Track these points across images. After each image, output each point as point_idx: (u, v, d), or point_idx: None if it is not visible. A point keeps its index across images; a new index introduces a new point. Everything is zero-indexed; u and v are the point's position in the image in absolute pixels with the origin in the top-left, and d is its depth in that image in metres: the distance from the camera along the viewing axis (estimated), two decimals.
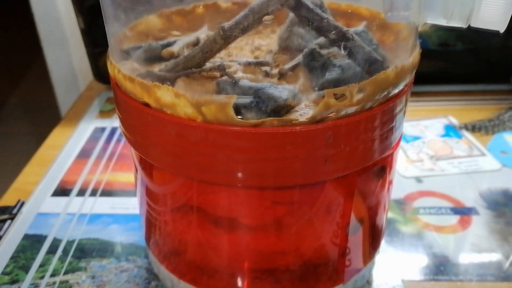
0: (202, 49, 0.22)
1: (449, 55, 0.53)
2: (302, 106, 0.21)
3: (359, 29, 0.24)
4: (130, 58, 0.25)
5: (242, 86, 0.20)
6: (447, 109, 0.48)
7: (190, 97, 0.19)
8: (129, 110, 0.22)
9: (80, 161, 0.41)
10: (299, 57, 0.23)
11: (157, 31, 0.29)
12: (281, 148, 0.20)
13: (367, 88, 0.20)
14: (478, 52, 0.52)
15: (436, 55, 0.52)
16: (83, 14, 0.49)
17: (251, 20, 0.21)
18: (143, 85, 0.21)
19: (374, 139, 0.22)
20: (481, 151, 0.42)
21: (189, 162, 0.21)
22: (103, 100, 0.52)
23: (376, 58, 0.21)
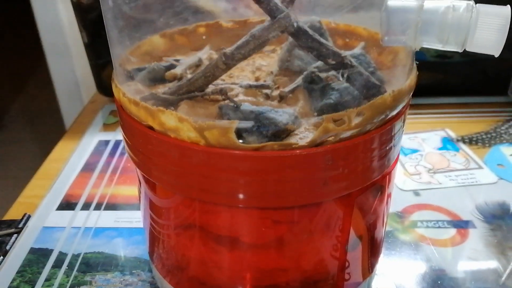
0: (205, 73, 0.23)
1: (447, 67, 0.54)
2: (302, 130, 0.21)
3: (357, 52, 0.25)
4: (134, 79, 0.26)
5: (244, 110, 0.21)
6: (444, 122, 0.49)
7: (193, 122, 0.20)
8: (133, 132, 0.23)
9: (84, 175, 0.42)
10: (299, 79, 0.24)
11: (160, 51, 0.30)
12: (282, 171, 0.20)
13: (365, 113, 0.21)
14: (475, 64, 0.53)
15: (434, 67, 0.53)
16: (86, 29, 0.50)
17: (252, 46, 0.22)
18: (147, 109, 0.21)
19: (373, 160, 0.23)
20: (478, 164, 0.42)
21: (192, 183, 0.22)
22: (107, 113, 0.53)
23: (374, 83, 0.22)
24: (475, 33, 0.21)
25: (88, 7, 0.48)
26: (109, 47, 0.25)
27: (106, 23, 0.24)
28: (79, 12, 0.49)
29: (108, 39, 0.25)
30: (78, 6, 0.49)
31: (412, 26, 0.22)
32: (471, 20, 0.21)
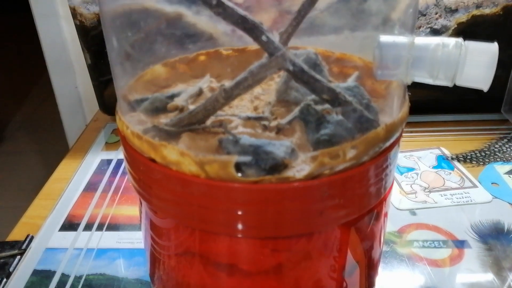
0: (205, 106, 0.24)
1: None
2: (298, 162, 0.22)
3: (351, 85, 0.26)
4: (137, 109, 0.27)
5: (243, 144, 0.22)
6: (439, 140, 0.50)
7: (194, 156, 0.21)
8: (136, 164, 0.24)
9: (87, 195, 0.43)
10: (296, 111, 0.25)
11: (162, 79, 0.31)
12: (280, 203, 0.21)
13: (359, 147, 0.21)
14: None
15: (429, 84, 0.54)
16: (90, 50, 0.51)
17: (250, 82, 0.23)
18: (150, 143, 0.22)
19: (369, 190, 0.23)
20: (473, 183, 0.43)
21: (192, 214, 0.23)
22: (109, 132, 0.53)
23: (367, 117, 0.23)
24: (464, 69, 0.22)
25: (91, 29, 0.49)
26: (113, 80, 0.26)
27: (111, 59, 0.25)
28: (83, 34, 0.50)
29: (112, 73, 0.26)
30: (81, 28, 0.50)
31: (403, 61, 0.23)
32: (460, 57, 0.22)
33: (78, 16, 0.49)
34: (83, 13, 0.49)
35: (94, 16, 0.49)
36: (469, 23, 0.49)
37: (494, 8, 0.49)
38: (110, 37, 0.25)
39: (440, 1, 0.51)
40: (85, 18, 0.49)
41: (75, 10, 0.49)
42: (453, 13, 0.50)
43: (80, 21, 0.49)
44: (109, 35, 0.25)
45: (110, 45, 0.25)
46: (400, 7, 0.26)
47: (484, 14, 0.49)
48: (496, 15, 0.49)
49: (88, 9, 0.49)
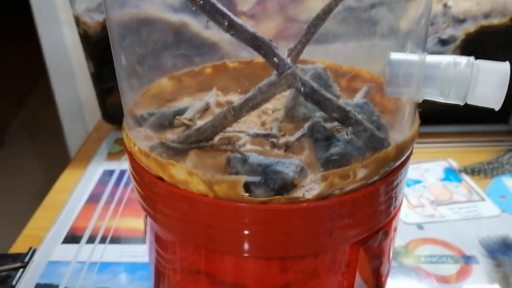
0: (213, 123, 0.23)
1: None
2: (308, 181, 0.22)
3: (361, 102, 0.25)
4: (144, 125, 0.27)
5: (251, 163, 0.21)
6: (446, 152, 0.49)
7: (202, 176, 0.21)
8: (143, 182, 0.24)
9: (89, 206, 0.43)
10: (304, 128, 0.25)
11: (168, 93, 0.31)
12: (288, 223, 0.21)
13: (370, 167, 0.21)
14: None
15: None
16: (93, 59, 0.51)
17: (259, 99, 0.22)
18: (158, 162, 0.22)
19: (378, 209, 0.23)
20: (481, 196, 0.43)
21: (198, 233, 0.22)
22: (112, 141, 0.53)
23: (378, 136, 0.22)
24: (476, 89, 0.22)
25: (95, 38, 0.49)
26: (121, 96, 0.26)
27: (119, 76, 0.25)
28: (86, 42, 0.50)
29: (120, 89, 0.26)
30: (85, 37, 0.50)
31: (414, 79, 0.23)
32: (472, 76, 0.21)
33: (81, 24, 0.49)
34: (87, 21, 0.49)
35: (98, 24, 0.49)
36: (478, 33, 0.49)
37: (503, 19, 0.49)
38: (118, 54, 0.25)
39: (448, 10, 0.51)
40: (88, 26, 0.49)
41: (78, 18, 0.49)
42: (461, 23, 0.50)
43: (84, 29, 0.49)
44: (117, 52, 0.25)
45: (118, 62, 0.25)
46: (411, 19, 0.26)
47: (492, 25, 0.49)
48: (504, 26, 0.48)
49: (91, 18, 0.49)
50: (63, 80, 0.79)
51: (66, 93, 0.80)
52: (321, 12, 0.23)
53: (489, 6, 0.49)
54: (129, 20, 0.27)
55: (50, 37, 0.76)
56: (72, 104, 0.81)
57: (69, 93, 0.80)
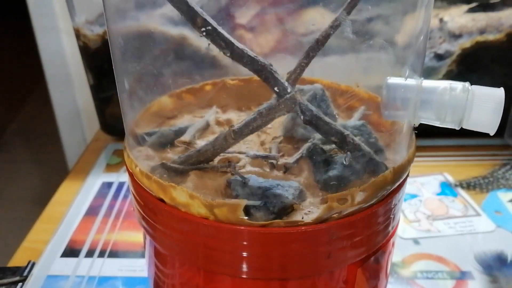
0: (214, 145, 0.24)
1: None
2: (307, 204, 0.22)
3: (358, 123, 0.26)
4: (144, 144, 0.27)
5: (251, 186, 0.22)
6: (442, 166, 0.50)
7: (203, 199, 0.21)
8: (144, 202, 0.24)
9: (88, 219, 0.43)
10: (303, 150, 0.25)
11: (168, 110, 0.31)
12: (287, 246, 0.21)
13: (367, 191, 0.21)
14: None
15: None
16: (92, 71, 0.51)
17: (259, 123, 0.23)
18: (159, 184, 0.22)
19: (375, 231, 0.23)
20: (476, 211, 0.43)
21: (198, 254, 0.23)
22: (110, 153, 0.53)
23: (375, 160, 0.23)
24: (471, 114, 0.22)
25: (94, 51, 0.49)
26: (122, 116, 0.26)
27: (120, 95, 0.25)
28: (86, 55, 0.50)
29: (122, 109, 0.26)
30: (84, 49, 0.50)
31: (411, 104, 0.23)
32: (467, 101, 0.22)
33: (81, 37, 0.49)
34: (87, 34, 0.49)
35: (98, 37, 0.49)
36: (473, 48, 0.50)
37: (498, 34, 0.49)
38: (120, 73, 0.25)
39: (444, 25, 0.51)
40: (88, 39, 0.49)
41: (79, 31, 0.49)
42: (457, 38, 0.50)
43: (84, 42, 0.49)
44: (119, 70, 0.25)
45: (120, 81, 0.25)
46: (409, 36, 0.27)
47: (488, 40, 0.49)
48: (500, 41, 0.49)
49: (91, 30, 0.49)
50: (61, 88, 0.79)
51: (64, 101, 0.81)
52: (320, 37, 0.24)
53: (484, 22, 0.50)
54: (130, 35, 0.28)
55: (48, 46, 0.76)
56: (70, 111, 0.81)
57: (67, 101, 0.80)
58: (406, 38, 0.28)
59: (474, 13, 0.50)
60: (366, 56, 0.29)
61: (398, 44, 0.30)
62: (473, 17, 0.50)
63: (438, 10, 0.51)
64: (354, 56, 0.29)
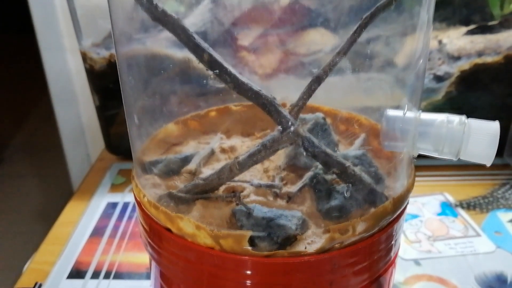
0: (219, 175, 0.24)
1: None
2: (309, 234, 0.23)
3: (359, 153, 0.26)
4: (151, 172, 0.28)
5: (256, 217, 0.23)
6: (442, 185, 0.50)
7: (209, 230, 0.22)
8: (151, 230, 0.25)
9: (93, 240, 0.43)
10: (305, 178, 0.26)
11: (173, 137, 0.32)
12: (290, 275, 0.22)
13: (368, 222, 0.22)
14: None
15: None
16: (98, 93, 0.52)
17: (263, 154, 0.23)
18: (167, 214, 0.23)
19: (376, 259, 0.24)
20: (476, 231, 0.44)
21: (203, 282, 0.23)
22: (115, 173, 0.54)
23: (376, 191, 0.23)
24: (468, 146, 0.23)
25: (100, 73, 0.51)
26: (130, 145, 0.27)
27: (130, 130, 0.26)
28: (92, 77, 0.52)
29: (130, 139, 0.27)
30: (91, 72, 0.51)
31: (410, 135, 0.24)
32: (464, 135, 0.23)
33: (88, 60, 0.50)
34: (93, 57, 0.50)
35: (103, 60, 0.50)
36: (472, 70, 0.51)
37: (496, 57, 0.50)
38: (131, 111, 0.26)
39: (443, 47, 0.52)
40: (94, 62, 0.50)
41: (85, 54, 0.50)
42: (455, 60, 0.51)
43: (90, 65, 0.51)
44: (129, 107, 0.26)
45: (130, 119, 0.26)
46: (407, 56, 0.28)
47: (486, 63, 0.50)
48: (498, 64, 0.50)
49: (98, 53, 0.50)
50: (66, 105, 0.80)
51: (68, 118, 0.82)
52: (321, 72, 0.25)
53: (482, 44, 0.51)
54: (137, 59, 0.29)
55: (54, 64, 0.77)
56: (74, 128, 0.82)
57: (71, 118, 0.81)
58: (406, 60, 0.29)
59: (472, 36, 0.51)
60: (366, 77, 0.30)
61: (397, 66, 0.31)
62: (471, 40, 0.51)
63: (437, 31, 0.52)
64: (354, 77, 0.30)
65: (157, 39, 0.32)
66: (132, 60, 0.29)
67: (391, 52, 0.30)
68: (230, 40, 0.38)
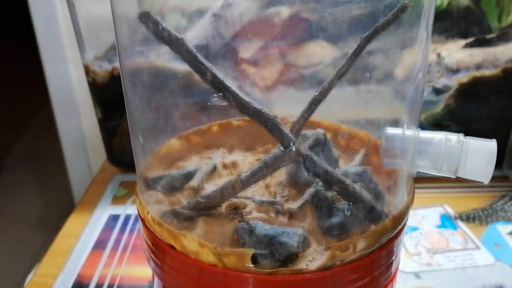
0: (222, 192, 0.25)
1: None
2: (311, 251, 0.23)
3: (359, 170, 0.27)
4: (155, 188, 0.28)
5: (258, 234, 0.23)
6: (442, 197, 0.51)
7: (213, 248, 0.22)
8: (155, 247, 0.25)
9: (95, 253, 0.44)
10: (306, 195, 0.26)
11: (176, 151, 0.33)
12: None
13: (369, 239, 0.23)
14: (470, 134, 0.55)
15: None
16: (100, 106, 0.53)
17: (265, 172, 0.24)
18: (170, 232, 0.23)
19: (377, 274, 0.24)
20: (476, 244, 0.44)
21: None
22: (117, 184, 0.55)
23: (375, 209, 0.24)
24: (466, 164, 0.23)
25: (103, 86, 0.51)
26: (135, 162, 0.28)
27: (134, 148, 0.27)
28: (94, 90, 0.52)
29: (134, 156, 0.27)
30: (93, 85, 0.52)
31: (408, 153, 0.25)
32: (462, 153, 0.23)
33: (91, 73, 0.51)
34: (96, 70, 0.51)
35: (106, 73, 0.51)
36: (470, 83, 0.51)
37: (494, 70, 0.51)
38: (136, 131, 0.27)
39: (441, 60, 0.53)
40: (97, 75, 0.51)
41: (88, 68, 0.51)
42: (454, 73, 0.52)
43: (93, 78, 0.51)
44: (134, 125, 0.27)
45: (135, 138, 0.27)
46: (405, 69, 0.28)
47: (484, 76, 0.51)
48: (496, 77, 0.51)
49: (100, 67, 0.51)
50: (67, 115, 0.81)
51: (69, 128, 0.82)
52: (322, 90, 0.25)
53: (481, 57, 0.52)
54: (141, 73, 0.29)
55: (55, 75, 0.78)
56: (75, 138, 0.83)
57: (73, 128, 0.82)
58: (405, 73, 0.30)
59: (470, 49, 0.52)
60: (365, 89, 0.30)
61: (396, 79, 0.31)
62: (470, 53, 0.52)
63: (436, 44, 0.53)
64: (353, 89, 0.31)
65: (160, 52, 0.32)
66: (136, 75, 0.29)
67: (390, 65, 0.30)
68: (231, 52, 0.39)
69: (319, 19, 0.33)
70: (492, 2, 0.53)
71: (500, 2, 0.54)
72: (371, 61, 0.28)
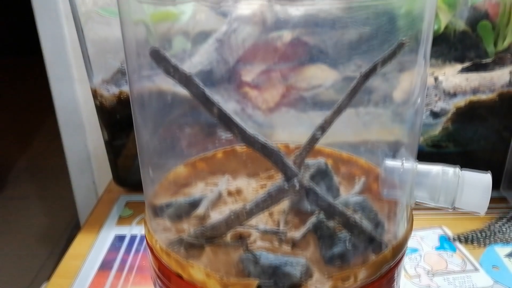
0: (227, 221, 0.26)
1: (441, 156, 0.57)
2: (313, 281, 0.24)
3: (360, 199, 0.28)
4: (162, 216, 0.29)
5: (263, 265, 0.24)
6: (441, 219, 0.52)
7: (219, 278, 0.23)
8: (163, 275, 0.26)
9: (102, 274, 0.44)
10: (309, 224, 0.27)
11: (182, 178, 0.34)
12: None
13: (369, 269, 0.24)
14: (468, 156, 0.56)
15: (429, 157, 0.57)
16: (107, 128, 0.54)
17: (269, 203, 0.25)
18: (178, 261, 0.24)
19: None
20: (474, 266, 0.45)
21: None
22: (122, 205, 0.56)
23: (376, 239, 0.25)
24: (462, 196, 0.24)
25: (110, 110, 0.52)
26: (143, 191, 0.29)
27: (144, 177, 0.28)
28: (102, 113, 0.53)
29: (143, 184, 0.28)
30: (101, 108, 0.53)
31: (407, 185, 0.26)
32: (458, 186, 0.24)
33: (98, 97, 0.52)
34: (104, 94, 0.52)
35: (113, 97, 0.52)
36: (467, 107, 0.52)
37: (491, 94, 0.52)
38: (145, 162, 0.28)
39: (439, 84, 0.54)
40: (105, 99, 0.52)
41: (96, 92, 0.52)
42: (451, 97, 0.53)
43: (100, 101, 0.52)
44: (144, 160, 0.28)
45: (144, 169, 0.28)
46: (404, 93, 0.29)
47: (481, 100, 0.52)
48: (492, 101, 0.52)
49: (108, 90, 0.52)
50: (73, 133, 0.82)
51: (75, 146, 0.84)
52: (323, 122, 0.26)
53: (477, 81, 0.53)
54: (150, 99, 0.30)
55: (62, 93, 0.80)
56: (80, 155, 0.84)
57: (78, 146, 0.83)
58: (403, 98, 0.31)
59: (467, 73, 0.54)
60: (364, 111, 0.32)
61: (395, 103, 0.32)
62: (466, 77, 0.53)
63: (433, 68, 0.55)
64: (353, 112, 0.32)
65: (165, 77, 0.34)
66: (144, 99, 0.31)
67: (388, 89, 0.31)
68: (234, 76, 0.40)
69: (319, 43, 0.34)
70: (488, 26, 0.55)
71: (496, 27, 0.55)
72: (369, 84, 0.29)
